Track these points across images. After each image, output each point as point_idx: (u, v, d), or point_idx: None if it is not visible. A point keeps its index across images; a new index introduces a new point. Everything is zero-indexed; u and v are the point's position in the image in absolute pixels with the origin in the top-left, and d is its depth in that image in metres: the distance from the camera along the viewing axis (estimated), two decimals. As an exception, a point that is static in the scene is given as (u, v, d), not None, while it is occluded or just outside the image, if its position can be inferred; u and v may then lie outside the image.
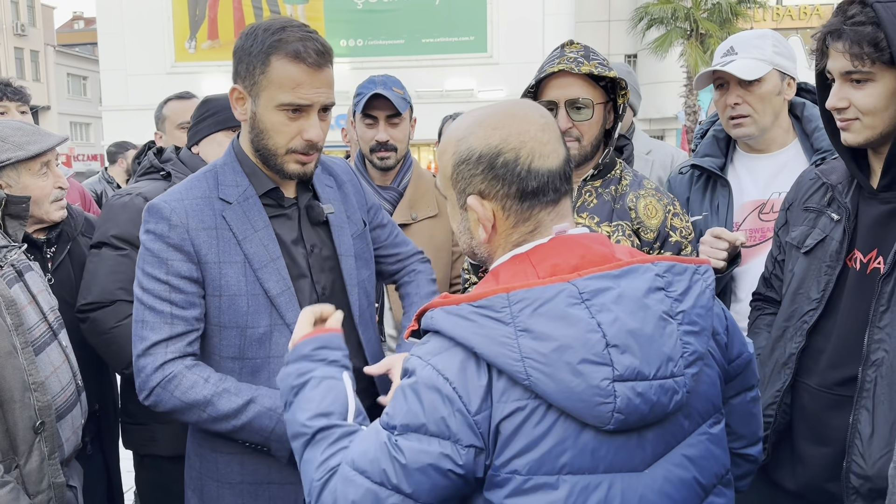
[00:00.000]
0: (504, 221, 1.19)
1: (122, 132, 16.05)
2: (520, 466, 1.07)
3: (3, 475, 1.55)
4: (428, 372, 1.10)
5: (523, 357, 1.05)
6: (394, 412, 1.12)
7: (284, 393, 1.33)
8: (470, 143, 1.19)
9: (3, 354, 1.58)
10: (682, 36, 21.42)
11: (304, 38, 1.62)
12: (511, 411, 1.07)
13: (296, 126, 1.65)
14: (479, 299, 1.11)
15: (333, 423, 1.24)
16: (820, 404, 1.67)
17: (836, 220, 1.70)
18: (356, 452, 1.14)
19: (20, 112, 3.11)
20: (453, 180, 1.22)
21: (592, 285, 1.10)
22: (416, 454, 1.08)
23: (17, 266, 1.80)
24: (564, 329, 1.06)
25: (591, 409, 1.06)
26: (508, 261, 1.20)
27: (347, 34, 24.52)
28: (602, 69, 1.96)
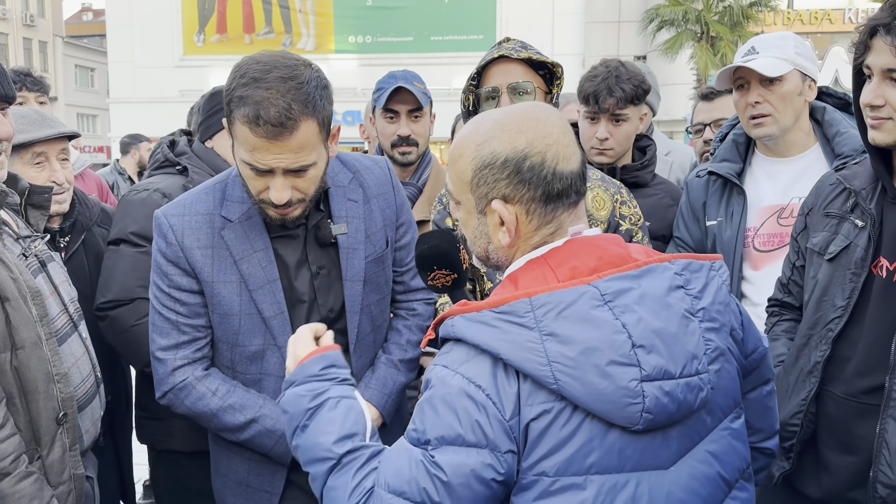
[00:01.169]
0: (527, 225, 1.19)
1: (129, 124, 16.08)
2: (547, 468, 1.07)
3: (27, 466, 1.55)
4: (458, 381, 1.08)
5: (550, 361, 1.05)
6: (425, 426, 1.10)
7: (297, 415, 1.26)
8: (493, 147, 1.18)
9: (29, 345, 1.58)
10: (692, 38, 21.37)
11: (266, 102, 1.47)
12: (538, 414, 1.07)
13: (263, 182, 1.59)
14: (501, 305, 1.10)
15: (360, 445, 1.20)
16: (846, 413, 1.66)
17: (860, 227, 1.68)
18: (389, 474, 1.11)
19: (38, 102, 3.11)
20: (473, 185, 1.20)
21: (614, 286, 1.10)
22: (457, 467, 1.06)
23: (40, 256, 1.80)
24: (590, 331, 1.06)
25: (620, 410, 1.06)
26: (525, 266, 1.19)
27: (356, 30, 24.52)
28: (540, 56, 1.98)
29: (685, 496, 1.13)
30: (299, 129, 1.51)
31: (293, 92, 1.50)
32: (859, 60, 1.61)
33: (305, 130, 1.52)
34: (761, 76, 2.14)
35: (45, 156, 2.25)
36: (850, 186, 1.74)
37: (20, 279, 1.61)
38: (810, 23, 24.86)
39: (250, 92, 1.49)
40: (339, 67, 24.25)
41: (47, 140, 2.24)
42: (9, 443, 1.51)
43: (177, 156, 2.51)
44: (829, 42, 23.08)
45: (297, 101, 1.49)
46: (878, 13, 1.56)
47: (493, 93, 1.99)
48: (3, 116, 1.68)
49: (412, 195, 2.61)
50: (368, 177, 1.84)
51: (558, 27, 22.92)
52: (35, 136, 2.19)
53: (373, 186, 1.83)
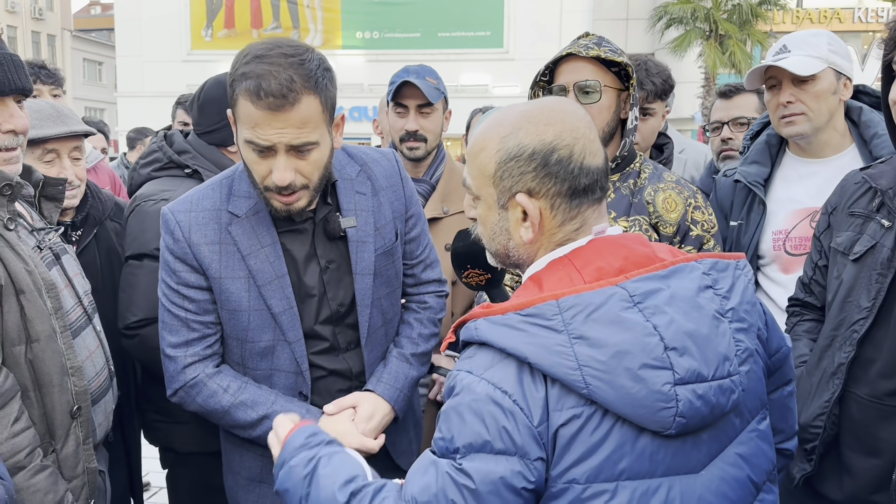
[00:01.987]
0: (551, 220, 1.16)
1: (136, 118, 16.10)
2: (578, 475, 1.04)
3: (42, 460, 1.54)
4: (483, 387, 1.05)
5: (580, 365, 1.03)
6: (451, 435, 1.07)
7: (297, 487, 1.24)
8: (520, 139, 1.15)
9: (44, 338, 1.57)
10: (701, 36, 21.28)
11: (267, 74, 1.48)
12: (567, 419, 1.04)
13: (266, 165, 1.57)
14: (527, 308, 1.07)
15: (362, 485, 1.18)
16: (870, 415, 1.64)
17: (886, 227, 1.66)
18: (416, 489, 1.08)
19: (52, 95, 3.10)
20: (496, 178, 1.17)
21: (642, 287, 1.08)
22: (485, 475, 1.03)
23: (54, 249, 1.79)
24: (621, 334, 1.04)
25: (653, 414, 1.04)
26: (548, 266, 1.16)
27: (363, 26, 24.52)
28: (611, 54, 1.94)
29: (716, 500, 1.11)
30: (301, 102, 1.50)
31: (296, 66, 1.50)
32: (888, 57, 1.59)
33: (307, 105, 1.51)
34: (793, 75, 2.09)
35: (56, 153, 2.23)
36: (875, 185, 1.71)
37: (35, 272, 1.60)
38: (819, 21, 24.74)
39: (252, 67, 1.49)
40: (346, 63, 24.24)
41: (60, 137, 2.22)
42: (24, 436, 1.50)
43: (178, 154, 2.42)
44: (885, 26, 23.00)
45: (300, 75, 1.50)
46: None
47: (560, 91, 1.97)
48: (20, 109, 1.67)
49: (425, 192, 2.58)
50: (376, 169, 1.82)
51: (566, 24, 22.85)
52: (48, 133, 2.17)
53: (381, 179, 1.82)
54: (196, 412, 1.76)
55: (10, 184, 1.62)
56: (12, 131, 1.65)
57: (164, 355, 1.74)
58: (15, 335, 1.54)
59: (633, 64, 2.16)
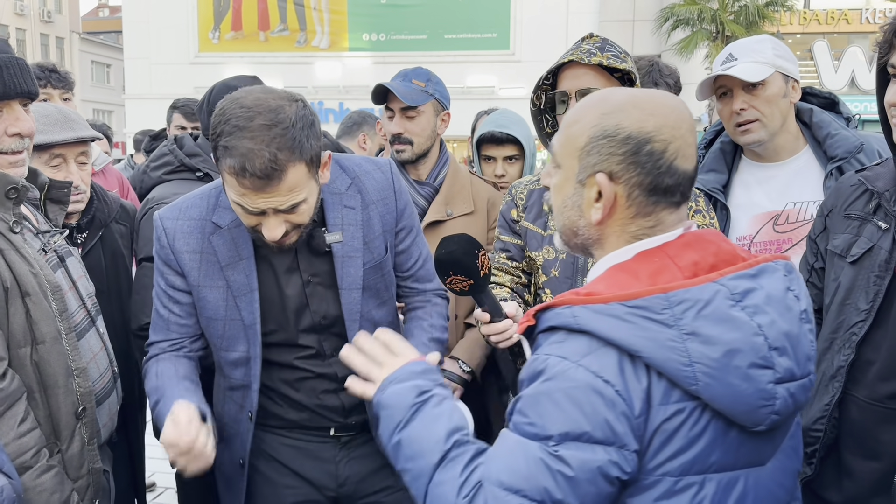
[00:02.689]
0: (624, 209, 1.15)
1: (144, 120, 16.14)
2: (672, 468, 1.05)
3: (48, 460, 1.56)
4: (583, 374, 1.04)
5: (693, 362, 1.02)
6: (544, 421, 1.05)
7: (400, 410, 1.22)
8: (619, 120, 1.13)
9: (49, 340, 1.59)
10: (707, 38, 21.24)
11: (251, 154, 1.45)
12: (672, 413, 1.04)
13: (255, 220, 1.59)
14: (633, 299, 1.06)
15: (466, 440, 1.17)
16: (869, 418, 1.64)
17: (884, 229, 1.66)
18: (502, 471, 1.06)
19: (63, 99, 3.11)
20: (584, 152, 1.15)
21: (740, 286, 1.09)
22: (583, 463, 1.02)
23: (59, 251, 1.81)
24: (731, 332, 1.04)
25: (753, 412, 1.06)
26: (638, 257, 1.14)
27: (370, 28, 24.56)
28: (614, 61, 1.93)
29: (777, 490, 1.15)
30: (287, 175, 1.50)
31: (278, 140, 1.47)
32: (883, 60, 1.59)
33: (293, 175, 1.51)
34: (743, 82, 2.10)
35: (62, 158, 2.25)
36: (872, 188, 1.72)
37: (40, 274, 1.62)
38: (827, 23, 24.64)
39: (235, 142, 1.47)
40: (352, 65, 24.30)
41: (67, 143, 2.24)
42: (30, 437, 1.53)
43: (189, 156, 2.47)
44: (846, 42, 22.90)
45: (284, 148, 1.48)
46: None
47: (563, 97, 1.97)
48: (26, 113, 1.69)
49: (428, 195, 2.59)
50: (368, 182, 1.82)
51: (572, 26, 22.83)
52: (54, 139, 2.19)
53: (372, 192, 1.81)
54: None
55: (15, 187, 1.64)
56: (18, 134, 1.66)
57: (146, 346, 1.85)
58: (21, 337, 1.56)
59: (645, 65, 2.17)
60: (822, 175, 2.13)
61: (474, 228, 2.58)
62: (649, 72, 2.38)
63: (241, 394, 1.81)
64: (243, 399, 1.81)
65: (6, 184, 1.62)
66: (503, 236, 2.19)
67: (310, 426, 1.85)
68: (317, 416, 1.83)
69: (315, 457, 1.86)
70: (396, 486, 1.91)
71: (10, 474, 1.32)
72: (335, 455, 1.86)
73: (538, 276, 2.07)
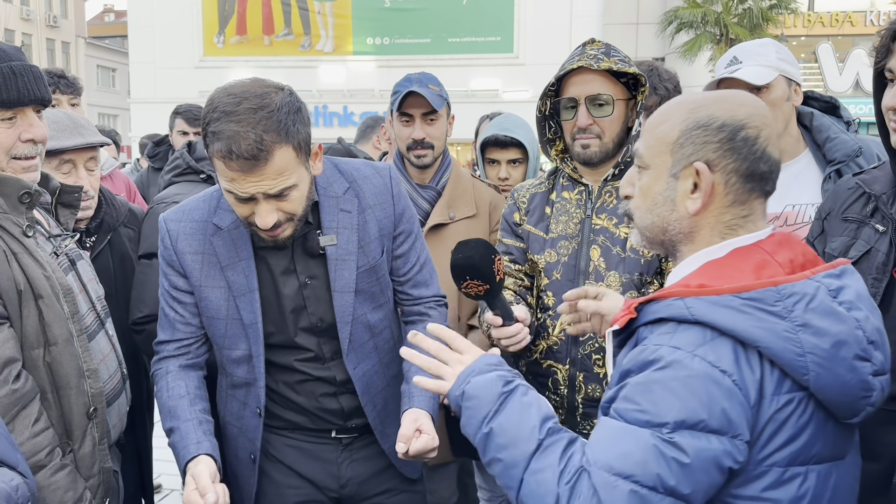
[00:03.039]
0: (722, 197, 1.17)
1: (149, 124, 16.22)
2: (779, 459, 1.08)
3: (61, 459, 1.59)
4: (698, 364, 1.06)
5: (805, 352, 1.06)
6: (658, 408, 1.06)
7: (489, 400, 1.23)
8: (712, 111, 1.17)
9: (62, 341, 1.62)
10: (711, 41, 21.22)
11: (238, 136, 1.49)
12: (783, 403, 1.08)
13: (247, 208, 1.61)
14: (746, 291, 1.09)
15: (558, 427, 1.19)
16: (869, 419, 1.63)
17: (881, 232, 1.68)
18: (612, 457, 1.07)
19: (71, 105, 3.15)
20: (677, 145, 1.18)
21: (833, 283, 1.14)
22: (699, 451, 1.04)
23: (70, 255, 1.85)
24: (837, 325, 1.09)
25: (854, 402, 1.10)
26: (734, 253, 1.16)
27: (374, 32, 24.60)
28: (622, 65, 1.96)
29: (853, 483, 1.19)
30: (273, 157, 1.52)
31: (264, 122, 1.50)
32: (880, 64, 1.61)
33: (281, 157, 1.54)
34: (748, 85, 2.11)
35: (72, 163, 2.28)
36: (869, 191, 1.73)
37: (53, 277, 1.66)
38: (831, 25, 24.60)
39: (222, 127, 1.51)
40: (357, 69, 24.35)
41: (76, 149, 2.27)
42: (43, 436, 1.56)
43: (197, 161, 2.54)
44: (851, 44, 22.84)
45: (269, 130, 1.51)
46: None
47: (570, 103, 1.99)
48: (39, 119, 1.73)
49: (431, 198, 2.61)
50: (366, 186, 1.83)
51: (576, 29, 22.84)
52: (65, 145, 2.22)
53: (369, 196, 1.83)
54: None
55: (28, 192, 1.67)
56: (31, 140, 1.70)
57: (153, 348, 1.89)
58: (34, 339, 1.59)
59: (644, 69, 2.19)
60: (820, 178, 2.14)
61: (476, 231, 2.60)
62: (648, 76, 2.40)
63: (244, 391, 1.84)
64: (246, 397, 1.84)
65: (20, 188, 1.66)
66: (505, 239, 2.21)
67: (311, 428, 1.87)
68: (317, 419, 1.86)
69: (317, 457, 1.88)
70: (398, 488, 1.94)
71: (25, 473, 1.34)
72: (337, 456, 1.89)
73: (540, 278, 2.09)
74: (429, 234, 2.53)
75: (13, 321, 1.57)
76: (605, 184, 2.05)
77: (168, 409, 1.78)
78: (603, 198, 2.05)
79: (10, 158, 1.67)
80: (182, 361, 1.84)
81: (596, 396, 1.99)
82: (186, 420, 1.74)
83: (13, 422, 1.52)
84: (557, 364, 2.03)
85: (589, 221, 2.04)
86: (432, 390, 1.34)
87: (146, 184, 4.07)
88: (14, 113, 1.66)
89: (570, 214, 2.07)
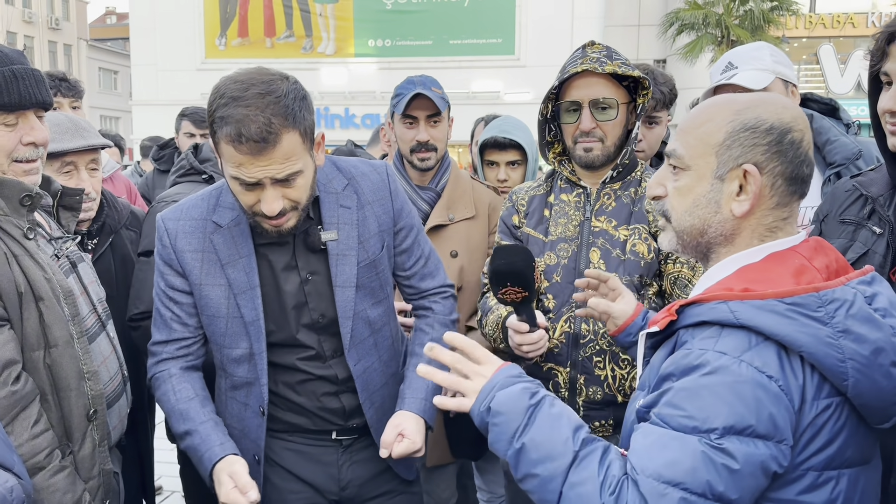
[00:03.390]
0: (767, 200, 1.18)
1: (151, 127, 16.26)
2: (816, 462, 1.09)
3: (60, 461, 1.60)
4: (745, 369, 1.06)
5: (847, 358, 1.07)
6: (706, 414, 1.05)
7: (517, 415, 1.19)
8: (758, 114, 1.17)
9: (62, 343, 1.62)
10: (712, 42, 21.21)
11: (246, 119, 1.50)
12: (822, 408, 1.09)
13: (253, 196, 1.62)
14: (789, 296, 1.09)
15: (592, 437, 1.17)
16: None
17: (878, 234, 1.68)
18: (660, 464, 1.06)
19: (72, 108, 3.16)
20: (723, 146, 1.18)
21: (868, 290, 1.14)
22: (749, 457, 1.04)
23: (71, 257, 1.85)
24: (876, 332, 1.10)
25: (888, 408, 1.11)
26: (771, 258, 1.17)
27: (376, 34, 24.62)
28: (625, 69, 1.96)
29: (877, 487, 1.20)
30: (281, 141, 1.54)
31: (272, 106, 1.52)
32: (876, 67, 1.62)
33: (288, 142, 1.56)
34: (746, 90, 2.09)
35: (74, 165, 2.29)
36: (866, 193, 1.74)
37: (53, 279, 1.66)
38: (832, 27, 24.59)
39: (230, 111, 1.52)
40: (358, 71, 24.36)
41: (78, 151, 2.29)
42: (43, 438, 1.56)
43: (201, 162, 2.56)
44: (852, 46, 22.83)
45: (277, 114, 1.52)
46: (894, 20, 1.58)
47: (573, 106, 1.99)
48: (40, 122, 1.73)
49: (430, 200, 2.62)
50: (364, 183, 1.85)
51: (577, 30, 22.84)
52: (66, 147, 2.24)
53: (368, 193, 1.85)
54: None
55: (30, 194, 1.68)
56: (33, 143, 1.71)
57: (148, 349, 1.87)
58: (34, 340, 1.60)
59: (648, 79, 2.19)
60: (820, 181, 2.14)
61: (475, 233, 2.61)
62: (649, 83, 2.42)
63: (244, 392, 1.83)
64: (247, 397, 1.83)
65: (21, 191, 1.67)
66: (503, 241, 2.22)
67: (312, 430, 1.88)
68: (318, 419, 1.86)
69: (317, 461, 1.88)
70: (398, 489, 1.94)
71: (21, 474, 1.35)
72: (337, 459, 1.89)
73: (540, 281, 2.10)
74: (428, 235, 2.54)
75: (14, 323, 1.58)
76: (603, 186, 2.06)
77: (179, 413, 1.77)
78: (602, 200, 2.05)
79: (12, 161, 1.69)
80: (183, 364, 1.84)
81: (597, 399, 1.99)
82: (202, 422, 1.75)
83: (12, 423, 1.52)
84: (558, 367, 2.03)
85: (588, 224, 2.04)
86: (454, 409, 1.30)
87: (151, 186, 4.08)
88: (16, 116, 1.67)
89: (569, 217, 2.08)
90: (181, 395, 1.79)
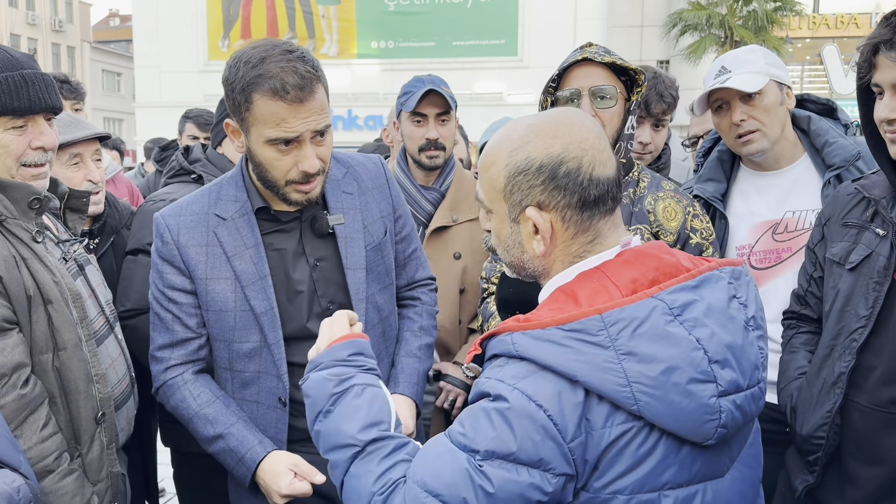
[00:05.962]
0: (563, 233, 1.17)
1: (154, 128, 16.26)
2: (622, 487, 1.05)
3: (69, 464, 1.61)
4: (517, 397, 1.04)
5: (630, 382, 1.03)
6: (476, 435, 1.06)
7: (320, 400, 1.25)
8: (528, 153, 1.15)
9: (71, 346, 1.63)
10: (716, 43, 21.22)
11: (284, 71, 1.56)
12: (618, 435, 1.05)
13: (290, 158, 1.64)
14: (569, 322, 1.06)
15: (385, 434, 1.19)
16: (872, 423, 1.65)
17: (881, 236, 1.69)
18: (427, 472, 1.08)
19: (74, 110, 3.17)
20: (507, 192, 1.17)
21: (680, 299, 1.09)
22: (505, 482, 1.03)
23: (78, 260, 1.86)
24: (668, 349, 1.04)
25: (698, 427, 1.06)
26: (579, 278, 1.15)
27: (378, 35, 24.63)
28: (623, 62, 1.98)
29: (737, 501, 1.15)
30: (316, 90, 1.61)
31: (301, 61, 1.60)
32: (865, 79, 1.62)
33: (320, 92, 1.63)
34: (741, 93, 2.10)
35: (80, 156, 2.34)
36: (869, 196, 1.74)
37: (62, 282, 1.67)
38: (836, 27, 24.57)
39: (265, 69, 1.57)
40: (361, 72, 24.37)
41: (82, 141, 2.33)
42: (51, 441, 1.57)
43: (191, 163, 2.57)
44: (856, 46, 22.80)
45: (307, 67, 1.60)
46: (877, 30, 1.58)
47: (573, 95, 1.98)
48: (49, 126, 1.74)
49: (434, 200, 2.60)
50: (362, 171, 1.90)
51: (580, 31, 22.82)
52: (71, 138, 2.28)
53: (367, 180, 1.88)
54: (171, 413, 1.83)
55: (38, 197, 1.69)
56: (42, 148, 1.72)
57: (151, 356, 1.81)
58: (43, 344, 1.61)
59: (647, 76, 2.20)
60: (820, 183, 2.13)
61: (480, 233, 2.61)
62: (654, 83, 2.43)
63: (255, 389, 1.79)
64: (258, 393, 1.79)
65: (29, 194, 1.67)
66: None
67: None
68: None
69: (326, 469, 1.87)
70: None
71: (28, 475, 1.35)
72: None
73: None
74: (431, 237, 2.54)
75: (22, 326, 1.59)
76: None
77: (204, 418, 1.74)
78: None
79: (20, 165, 1.69)
80: (194, 368, 1.81)
81: None
82: (233, 423, 1.74)
83: (21, 426, 1.53)
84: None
85: None
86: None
87: (152, 187, 4.10)
88: (25, 121, 1.68)
89: None
90: (202, 400, 1.76)
